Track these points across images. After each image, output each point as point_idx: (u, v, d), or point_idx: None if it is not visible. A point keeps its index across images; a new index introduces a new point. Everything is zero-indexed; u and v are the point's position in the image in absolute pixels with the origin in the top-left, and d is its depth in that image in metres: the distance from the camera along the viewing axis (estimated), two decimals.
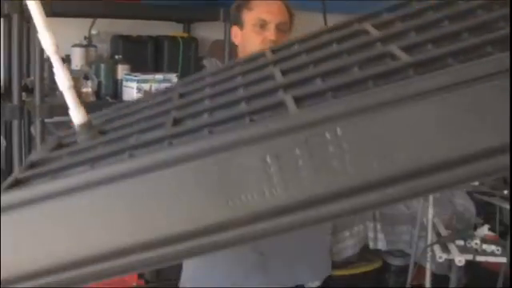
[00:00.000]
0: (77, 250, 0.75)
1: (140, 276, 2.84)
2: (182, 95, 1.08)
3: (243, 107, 0.82)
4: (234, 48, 2.99)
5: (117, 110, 1.21)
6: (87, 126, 1.03)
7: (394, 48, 0.81)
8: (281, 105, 0.77)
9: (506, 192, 3.27)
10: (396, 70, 0.74)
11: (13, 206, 0.78)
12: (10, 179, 0.87)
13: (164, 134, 0.82)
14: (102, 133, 1.03)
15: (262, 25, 1.88)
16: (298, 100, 0.76)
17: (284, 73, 0.92)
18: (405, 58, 0.77)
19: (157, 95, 1.21)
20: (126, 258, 0.74)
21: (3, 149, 2.97)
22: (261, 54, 1.15)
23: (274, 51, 1.14)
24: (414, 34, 0.85)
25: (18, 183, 0.85)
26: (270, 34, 1.87)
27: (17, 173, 0.90)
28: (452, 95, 0.64)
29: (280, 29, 1.87)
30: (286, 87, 0.84)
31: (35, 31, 2.35)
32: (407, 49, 0.82)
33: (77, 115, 1.02)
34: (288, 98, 0.77)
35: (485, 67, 0.66)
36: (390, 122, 0.67)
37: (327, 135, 0.68)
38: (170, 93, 1.17)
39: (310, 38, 1.10)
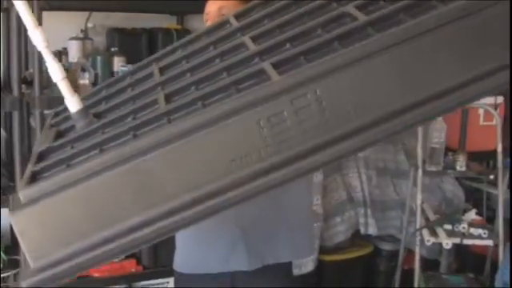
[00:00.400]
0: (100, 229, 0.84)
1: (138, 262, 2.92)
2: (161, 70, 1.16)
3: (226, 78, 0.91)
4: None
5: (102, 90, 1.27)
6: (83, 112, 1.10)
7: (350, 8, 0.92)
8: (261, 72, 0.87)
9: (491, 177, 3.35)
10: (356, 30, 0.86)
11: (39, 198, 0.86)
12: (27, 173, 0.95)
13: (161, 111, 0.90)
14: (97, 116, 1.10)
15: (208, 18, 1.96)
16: (275, 66, 0.86)
17: (254, 40, 1.01)
18: (362, 17, 0.88)
19: (135, 71, 1.28)
20: (143, 231, 0.84)
21: (3, 140, 3.04)
22: (226, 21, 1.23)
23: (237, 17, 1.22)
24: None
25: (35, 176, 0.94)
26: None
27: (31, 166, 0.98)
28: (404, 49, 0.79)
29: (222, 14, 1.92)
30: (261, 54, 0.93)
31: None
32: (361, 7, 0.92)
33: (72, 103, 1.10)
34: (267, 66, 0.87)
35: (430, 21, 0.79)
36: (361, 76, 0.80)
37: (308, 96, 0.79)
38: (147, 68, 1.24)
39: (267, 2, 1.20)
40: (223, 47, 1.06)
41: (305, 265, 3.31)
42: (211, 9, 1.96)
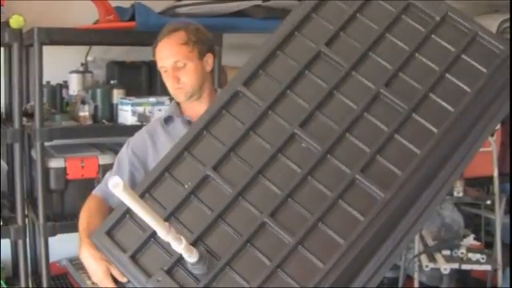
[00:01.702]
0: None
1: None
2: None
3: None
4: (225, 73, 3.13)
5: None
6: (203, 259, 1.29)
7: None
8: None
9: (489, 202, 3.37)
10: None
11: None
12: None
13: None
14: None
15: (163, 71, 2.01)
16: None
17: None
18: None
19: None
20: None
21: (5, 172, 3.08)
22: None
23: None
24: None
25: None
26: (171, 80, 1.99)
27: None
28: None
29: (177, 67, 1.97)
30: None
31: (34, 58, 2.47)
32: None
33: (191, 255, 1.26)
34: None
35: None
36: None
37: None
38: None
39: None
40: None
41: None
42: (165, 64, 2.00)
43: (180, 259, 1.32)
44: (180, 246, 1.22)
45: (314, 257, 1.31)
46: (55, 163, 2.76)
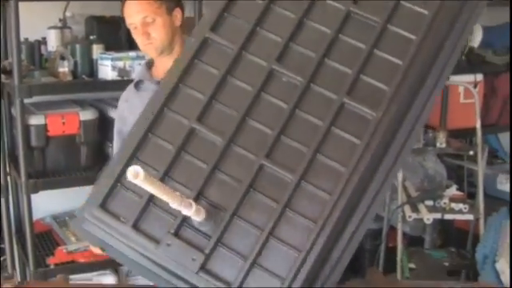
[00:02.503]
0: None
1: None
2: None
3: None
4: None
5: None
6: (210, 215, 1.26)
7: None
8: None
9: (471, 153, 3.39)
10: None
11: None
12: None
13: None
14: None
15: (133, 28, 1.99)
16: None
17: None
18: None
19: None
20: None
21: None
22: None
23: None
24: None
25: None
26: (141, 36, 1.99)
27: None
28: None
29: (146, 22, 1.97)
30: None
31: (11, 15, 2.43)
32: None
33: (197, 215, 1.23)
34: None
35: None
36: None
37: None
38: None
39: None
40: None
41: None
42: (134, 21, 1.97)
43: (185, 219, 1.28)
44: (190, 211, 1.20)
45: (319, 189, 1.28)
46: (35, 120, 2.74)
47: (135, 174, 1.04)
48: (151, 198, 1.30)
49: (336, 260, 1.28)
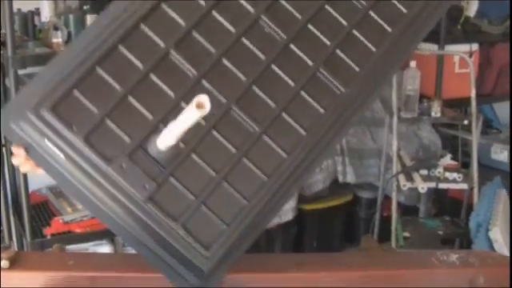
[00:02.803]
0: None
1: None
2: None
3: None
4: None
5: None
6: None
7: None
8: None
9: (466, 122, 3.41)
10: None
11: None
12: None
13: None
14: None
15: None
16: None
17: None
18: None
19: None
20: None
21: None
22: None
23: None
24: None
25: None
26: None
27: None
28: None
29: None
30: None
31: None
32: None
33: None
34: None
35: None
36: None
37: None
38: None
39: None
40: None
41: (284, 214, 3.38)
42: None
43: (143, 142, 1.24)
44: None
45: (278, 146, 1.32)
46: None
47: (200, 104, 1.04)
48: (111, 112, 1.25)
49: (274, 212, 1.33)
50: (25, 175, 2.72)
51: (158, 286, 1.36)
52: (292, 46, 1.39)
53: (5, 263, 1.32)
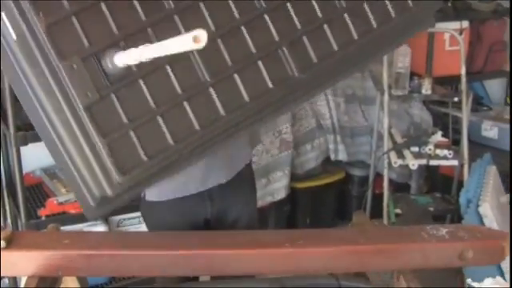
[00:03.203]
0: None
1: None
2: None
3: None
4: None
5: None
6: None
7: None
8: None
9: (456, 99, 3.43)
10: None
11: None
12: None
13: None
14: None
15: None
16: None
17: None
18: None
19: None
20: None
21: None
22: None
23: None
24: None
25: None
26: None
27: None
28: None
29: None
30: None
31: None
32: None
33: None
34: None
35: None
36: None
37: None
38: None
39: None
40: None
41: (277, 192, 3.41)
42: None
43: (100, 52, 1.24)
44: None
45: (220, 103, 1.35)
46: None
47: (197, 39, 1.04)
48: (79, 11, 1.24)
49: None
50: (18, 156, 2.73)
51: (153, 263, 1.39)
52: (266, 16, 1.41)
53: (1, 243, 1.33)
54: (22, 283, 1.45)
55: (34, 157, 3.07)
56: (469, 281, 1.31)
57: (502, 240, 1.47)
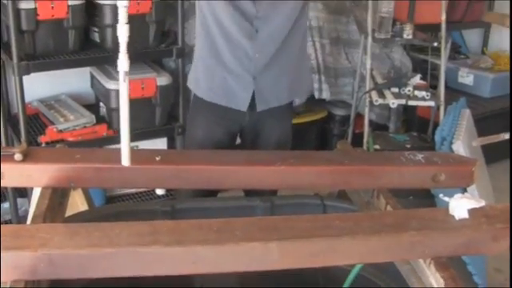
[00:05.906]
0: None
1: (109, 126, 3.12)
2: None
3: None
4: None
5: None
6: None
7: None
8: None
9: (435, 44, 3.60)
10: None
11: None
12: None
13: None
14: None
15: None
16: None
17: None
18: None
19: None
20: None
21: None
22: None
23: None
24: None
25: None
26: None
27: None
28: None
29: None
30: None
31: None
32: None
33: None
34: None
35: None
36: None
37: None
38: None
39: None
40: None
41: None
42: None
43: None
44: None
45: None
46: (25, 4, 2.82)
47: None
48: None
49: None
50: (21, 85, 2.84)
51: (156, 176, 1.49)
52: None
53: (18, 156, 1.40)
54: (33, 199, 1.53)
55: (31, 88, 3.18)
56: (440, 195, 1.46)
57: (471, 165, 1.58)
